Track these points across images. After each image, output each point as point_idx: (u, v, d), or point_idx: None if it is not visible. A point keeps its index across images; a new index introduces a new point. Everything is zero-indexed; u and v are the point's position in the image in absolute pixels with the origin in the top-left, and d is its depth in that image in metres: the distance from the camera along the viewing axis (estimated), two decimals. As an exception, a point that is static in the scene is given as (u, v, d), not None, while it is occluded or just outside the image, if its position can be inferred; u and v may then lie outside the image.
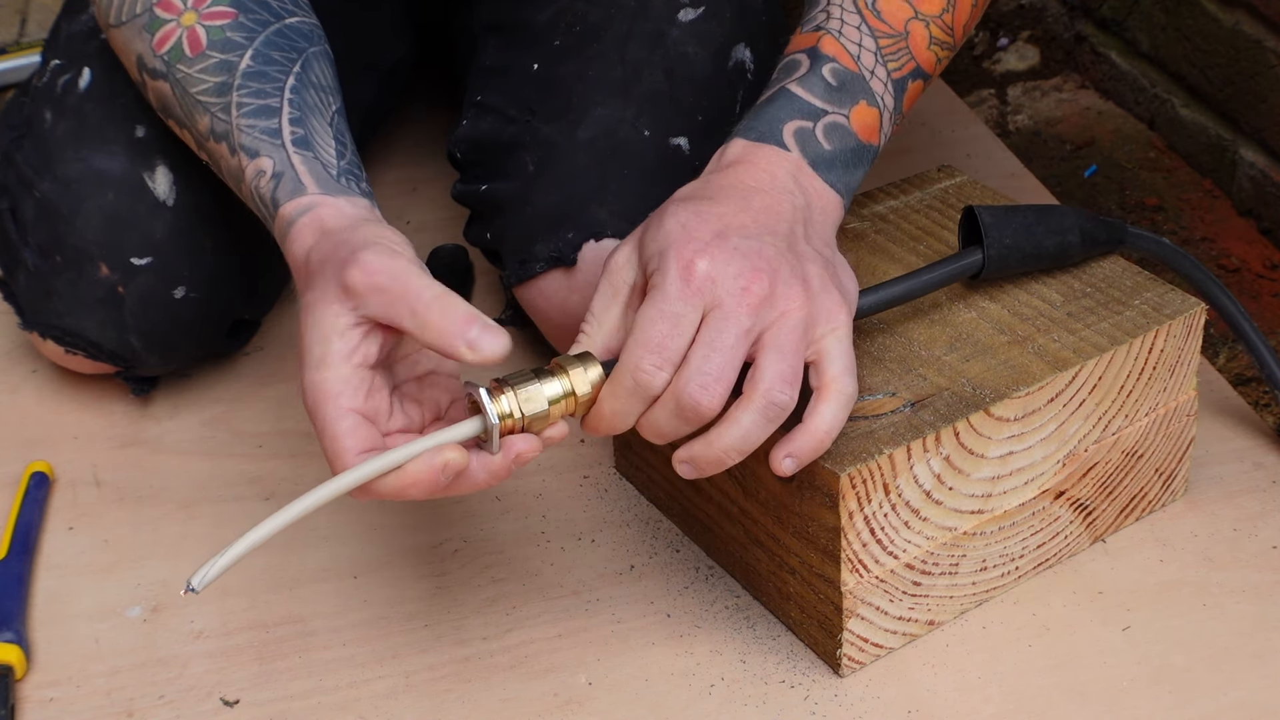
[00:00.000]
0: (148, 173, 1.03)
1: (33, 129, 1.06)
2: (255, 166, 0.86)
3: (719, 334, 0.77)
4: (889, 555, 0.84)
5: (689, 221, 0.80)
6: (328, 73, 0.91)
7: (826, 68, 0.87)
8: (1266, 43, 1.34)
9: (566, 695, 0.87)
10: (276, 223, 0.85)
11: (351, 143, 0.89)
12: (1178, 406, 0.93)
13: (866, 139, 0.87)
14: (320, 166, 0.85)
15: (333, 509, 1.00)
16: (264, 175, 0.85)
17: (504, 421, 0.76)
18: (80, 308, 1.04)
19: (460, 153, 1.10)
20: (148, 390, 1.10)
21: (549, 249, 1.02)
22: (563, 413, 0.78)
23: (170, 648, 0.91)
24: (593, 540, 0.98)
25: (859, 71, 0.87)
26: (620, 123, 1.03)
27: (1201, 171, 1.45)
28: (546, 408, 0.77)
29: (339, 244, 0.79)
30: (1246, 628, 0.89)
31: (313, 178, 0.84)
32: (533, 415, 0.77)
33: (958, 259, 0.90)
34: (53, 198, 1.03)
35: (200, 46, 0.89)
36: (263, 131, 0.86)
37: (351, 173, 0.86)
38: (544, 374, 0.78)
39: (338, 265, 0.77)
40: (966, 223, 0.92)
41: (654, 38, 1.06)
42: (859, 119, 0.87)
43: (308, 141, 0.86)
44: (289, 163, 0.85)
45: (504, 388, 0.77)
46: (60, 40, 1.09)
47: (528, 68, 1.08)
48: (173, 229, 1.03)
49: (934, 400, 0.84)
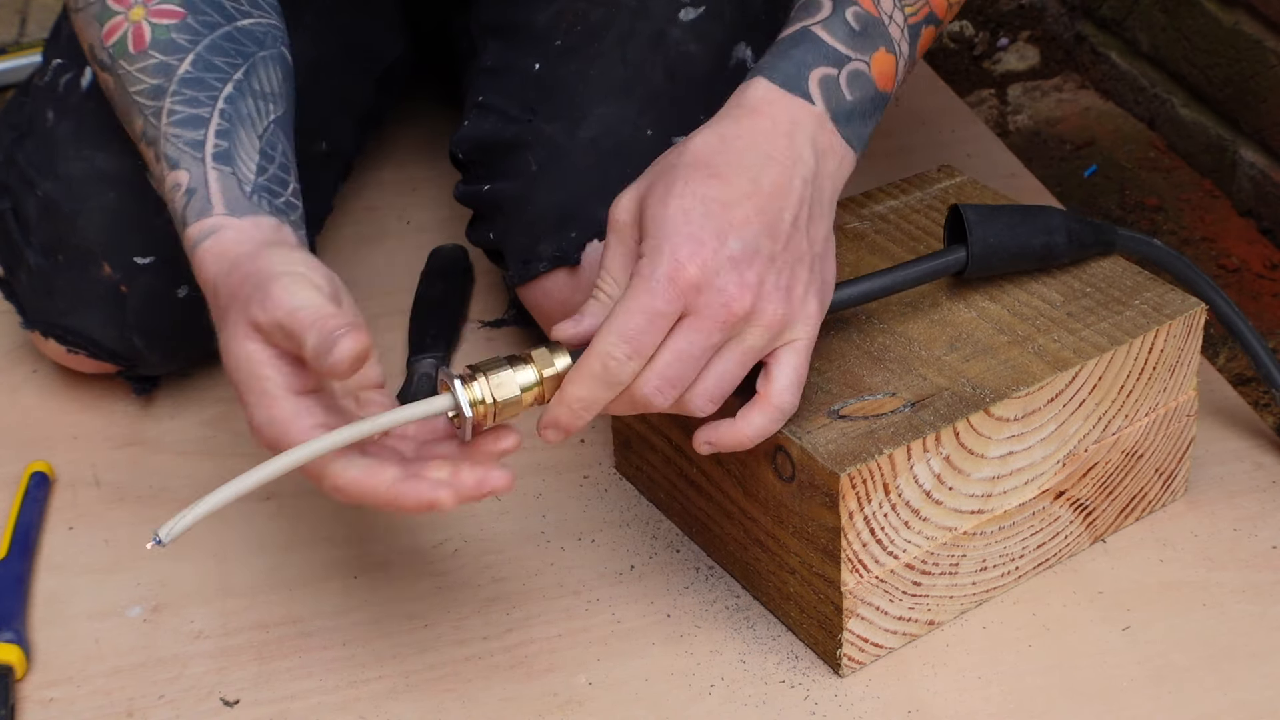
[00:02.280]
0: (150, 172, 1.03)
1: (34, 128, 1.06)
2: (173, 179, 0.86)
3: (689, 343, 0.78)
4: (889, 555, 0.84)
5: (692, 212, 0.79)
6: (275, 78, 0.90)
7: (849, 11, 0.86)
8: (1266, 43, 1.34)
9: (566, 695, 0.87)
10: (184, 242, 0.85)
11: (283, 154, 0.88)
12: (1178, 406, 0.93)
13: (884, 87, 0.87)
14: (235, 183, 0.85)
15: (333, 510, 1.01)
16: (179, 189, 0.85)
17: (476, 408, 0.77)
18: (82, 306, 1.04)
19: (462, 153, 1.10)
20: (149, 390, 1.10)
21: (552, 249, 1.02)
22: (534, 400, 0.79)
23: (170, 648, 0.91)
24: (593, 540, 0.98)
25: (879, 16, 0.87)
26: (622, 122, 1.03)
27: (1201, 171, 1.45)
28: (519, 394, 0.78)
29: (244, 278, 0.79)
30: (1246, 628, 0.89)
31: (223, 197, 0.84)
32: (505, 400, 0.78)
33: (940, 256, 0.90)
34: (55, 197, 1.03)
35: (144, 44, 0.89)
36: (186, 143, 0.86)
37: (269, 189, 0.86)
38: (516, 361, 0.79)
39: (243, 303, 0.77)
40: (952, 221, 0.92)
41: (655, 37, 1.06)
42: (878, 66, 0.86)
43: (229, 155, 0.86)
44: (204, 179, 0.85)
45: (477, 374, 0.78)
46: (62, 40, 1.09)
47: (529, 68, 1.08)
48: None
49: (934, 400, 0.85)
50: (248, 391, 0.77)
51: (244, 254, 0.81)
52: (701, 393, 0.80)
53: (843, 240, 0.98)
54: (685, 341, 0.78)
